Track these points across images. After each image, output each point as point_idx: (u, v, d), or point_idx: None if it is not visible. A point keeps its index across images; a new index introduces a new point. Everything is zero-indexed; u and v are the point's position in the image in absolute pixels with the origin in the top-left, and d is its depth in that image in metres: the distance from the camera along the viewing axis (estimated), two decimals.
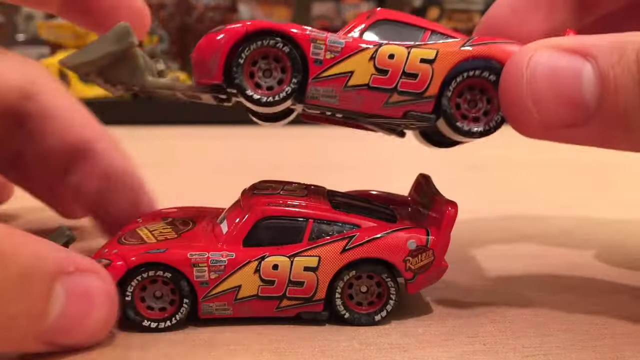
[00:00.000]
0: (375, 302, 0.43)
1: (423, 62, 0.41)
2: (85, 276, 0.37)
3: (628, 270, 0.53)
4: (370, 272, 0.42)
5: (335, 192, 0.48)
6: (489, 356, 0.38)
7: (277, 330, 0.41)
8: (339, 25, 3.73)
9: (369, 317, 0.42)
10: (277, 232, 0.42)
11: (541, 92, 0.38)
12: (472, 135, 0.42)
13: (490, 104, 0.42)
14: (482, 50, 0.41)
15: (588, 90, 0.37)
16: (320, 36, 0.41)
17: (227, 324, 0.42)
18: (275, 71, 0.41)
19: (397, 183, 0.53)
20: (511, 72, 0.39)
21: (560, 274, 0.52)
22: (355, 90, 0.41)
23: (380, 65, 0.41)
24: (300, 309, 0.42)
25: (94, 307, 0.37)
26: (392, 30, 0.43)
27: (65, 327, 0.36)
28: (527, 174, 0.90)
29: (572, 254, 0.58)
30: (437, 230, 0.42)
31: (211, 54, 0.41)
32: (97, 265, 0.38)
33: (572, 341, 0.40)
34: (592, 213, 0.72)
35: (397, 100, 0.41)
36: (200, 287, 0.41)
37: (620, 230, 0.65)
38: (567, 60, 0.37)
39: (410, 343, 0.40)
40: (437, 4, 3.79)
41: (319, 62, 0.41)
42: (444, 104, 0.41)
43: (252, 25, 0.41)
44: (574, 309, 0.45)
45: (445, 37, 0.43)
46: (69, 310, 0.36)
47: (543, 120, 0.38)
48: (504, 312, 0.44)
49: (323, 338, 0.40)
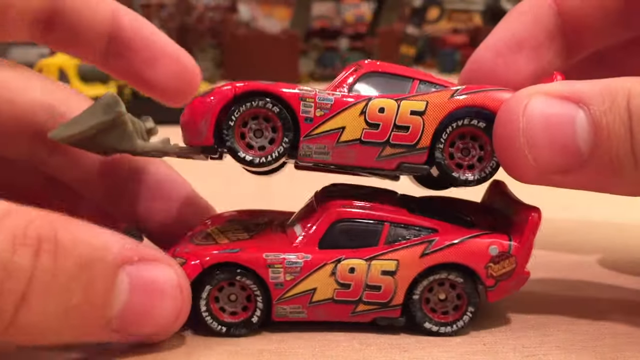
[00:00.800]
0: (454, 310, 0.41)
1: (413, 114, 0.41)
2: (152, 266, 0.36)
3: (628, 270, 0.53)
4: (450, 278, 0.41)
5: (407, 195, 0.47)
6: (489, 356, 0.38)
7: (277, 330, 0.41)
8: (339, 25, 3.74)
9: (447, 326, 0.41)
10: (352, 234, 0.41)
11: (537, 138, 0.38)
12: (469, 184, 0.42)
13: (483, 150, 0.42)
14: (472, 99, 0.41)
15: (582, 137, 0.37)
16: (309, 94, 0.41)
17: None
18: (266, 131, 0.41)
19: (396, 183, 0.53)
20: (506, 119, 0.39)
21: (561, 274, 0.52)
22: (347, 145, 0.41)
23: (371, 120, 0.41)
24: (377, 314, 0.41)
25: (163, 298, 0.36)
26: (381, 82, 0.43)
27: (132, 318, 0.36)
28: None
29: (572, 254, 0.58)
30: (520, 237, 0.41)
31: (201, 117, 0.41)
32: (165, 256, 0.38)
33: (572, 341, 0.40)
34: (592, 213, 0.72)
35: (390, 153, 0.41)
36: (275, 289, 0.40)
37: (620, 230, 0.65)
38: (561, 107, 0.38)
39: (410, 343, 0.40)
40: (437, 4, 3.79)
41: (310, 120, 0.41)
42: (438, 156, 0.42)
43: (241, 87, 0.41)
44: (574, 309, 0.45)
45: (434, 86, 0.43)
46: (135, 301, 0.35)
47: (538, 167, 0.38)
48: (504, 312, 0.44)
49: (323, 338, 0.40)
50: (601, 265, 0.55)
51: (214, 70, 2.93)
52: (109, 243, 0.35)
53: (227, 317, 0.41)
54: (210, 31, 3.29)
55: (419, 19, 3.52)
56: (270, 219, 0.47)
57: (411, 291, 0.41)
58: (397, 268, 0.40)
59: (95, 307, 0.34)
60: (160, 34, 0.52)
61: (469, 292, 0.41)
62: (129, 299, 0.35)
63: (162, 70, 0.51)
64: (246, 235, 0.43)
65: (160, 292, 0.36)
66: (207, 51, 3.19)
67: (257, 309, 0.40)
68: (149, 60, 0.50)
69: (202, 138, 0.41)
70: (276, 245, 0.42)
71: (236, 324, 0.40)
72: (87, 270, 0.34)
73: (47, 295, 0.33)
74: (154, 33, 0.51)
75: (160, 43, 0.51)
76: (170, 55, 0.51)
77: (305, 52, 3.02)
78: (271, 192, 0.76)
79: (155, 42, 0.51)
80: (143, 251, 0.37)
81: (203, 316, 0.40)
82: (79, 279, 0.33)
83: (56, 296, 0.33)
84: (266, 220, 0.47)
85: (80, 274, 0.34)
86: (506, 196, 0.45)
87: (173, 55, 0.51)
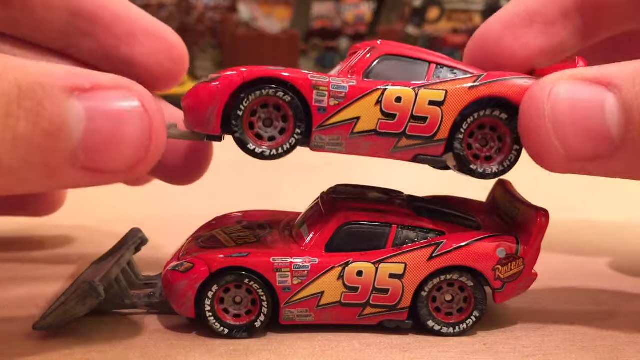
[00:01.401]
0: (461, 312, 0.41)
1: (432, 104, 0.39)
2: (110, 92, 0.34)
3: (628, 270, 0.53)
4: (457, 281, 0.41)
5: (414, 197, 0.47)
6: (489, 356, 0.38)
7: (277, 331, 0.41)
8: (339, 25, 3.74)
9: (455, 327, 0.41)
10: (360, 237, 0.41)
11: (564, 125, 0.36)
12: (487, 177, 0.41)
13: (502, 142, 0.40)
14: (492, 88, 0.39)
15: (612, 122, 0.36)
16: (323, 81, 0.38)
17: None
18: (276, 120, 0.39)
19: (397, 183, 0.53)
20: (531, 106, 0.38)
21: (561, 274, 0.52)
22: (362, 136, 0.39)
23: (388, 110, 0.39)
24: (384, 317, 0.41)
25: (123, 125, 0.34)
26: (396, 66, 0.41)
27: (96, 147, 0.33)
28: (527, 173, 0.90)
29: (572, 254, 0.58)
30: (527, 239, 0.41)
31: (207, 105, 0.38)
32: (125, 81, 0.35)
33: (572, 341, 0.40)
34: (592, 213, 0.72)
35: (407, 145, 0.40)
36: (283, 293, 0.40)
37: (620, 230, 0.65)
38: (589, 91, 0.36)
39: (410, 343, 0.40)
40: (437, 4, 3.79)
41: (323, 109, 0.39)
42: (457, 147, 0.40)
43: (250, 73, 0.38)
44: (574, 309, 0.45)
45: (451, 70, 0.41)
46: (93, 127, 0.33)
47: (567, 154, 0.37)
48: (504, 312, 0.44)
49: (323, 338, 0.40)
50: (601, 265, 0.55)
51: (214, 70, 2.93)
52: (52, 70, 0.33)
53: (230, 319, 0.41)
54: (210, 31, 3.29)
55: (419, 19, 3.53)
56: (276, 221, 0.47)
57: (418, 294, 0.41)
58: (404, 271, 0.40)
59: (51, 137, 0.32)
60: (136, 8, 0.47)
61: (479, 298, 0.41)
62: (88, 126, 0.33)
63: (142, 48, 0.46)
64: (253, 238, 0.43)
65: (123, 115, 0.34)
66: (207, 51, 3.19)
67: (262, 314, 0.40)
68: (124, 36, 0.46)
69: (209, 127, 0.39)
70: (283, 248, 0.41)
71: (238, 327, 0.40)
72: (28, 95, 0.31)
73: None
74: (129, 7, 0.46)
75: (135, 17, 0.46)
76: (151, 31, 0.46)
77: (305, 52, 3.03)
78: (276, 191, 0.76)
79: (129, 16, 0.46)
80: (97, 77, 0.34)
81: (207, 316, 0.40)
82: (20, 104, 0.31)
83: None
84: (272, 221, 0.47)
85: (19, 99, 0.31)
86: (512, 196, 0.45)
87: (154, 31, 0.46)
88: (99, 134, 0.33)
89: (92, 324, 0.42)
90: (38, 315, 0.40)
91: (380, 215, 0.42)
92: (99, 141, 0.33)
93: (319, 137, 0.39)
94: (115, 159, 0.34)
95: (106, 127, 0.33)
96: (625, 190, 0.85)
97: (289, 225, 0.45)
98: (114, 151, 0.34)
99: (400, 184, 0.52)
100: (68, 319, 0.39)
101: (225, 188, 0.58)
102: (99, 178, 0.34)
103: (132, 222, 0.57)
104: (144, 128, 0.34)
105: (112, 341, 0.40)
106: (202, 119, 0.39)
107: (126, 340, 0.40)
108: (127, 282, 0.43)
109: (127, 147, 0.34)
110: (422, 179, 0.52)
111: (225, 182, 0.76)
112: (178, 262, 0.41)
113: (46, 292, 0.47)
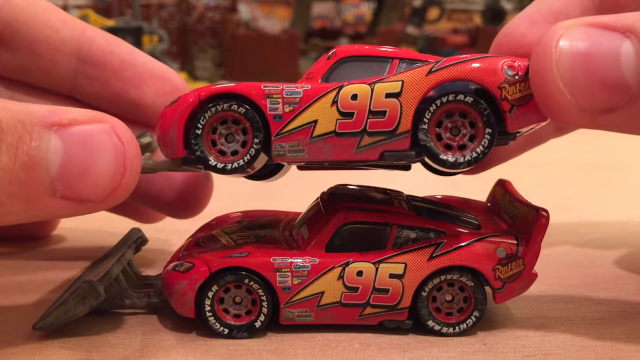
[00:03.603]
0: (461, 312, 0.41)
1: (389, 96, 0.38)
2: (86, 126, 0.36)
3: (628, 270, 0.53)
4: (457, 281, 0.41)
5: (414, 197, 0.46)
6: (489, 356, 0.38)
7: (277, 331, 0.41)
8: (339, 25, 3.74)
9: (455, 327, 0.41)
10: (360, 237, 0.41)
11: (572, 72, 0.35)
12: (459, 166, 0.39)
13: (474, 128, 0.39)
14: (453, 71, 0.38)
15: (628, 69, 0.34)
16: (276, 89, 0.38)
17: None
18: (236, 134, 0.39)
19: (397, 183, 0.53)
20: (539, 52, 0.36)
21: (561, 274, 0.52)
22: (322, 139, 0.38)
23: (344, 109, 0.38)
24: (384, 317, 0.41)
25: (98, 154, 0.36)
26: (358, 67, 0.41)
27: (73, 176, 0.35)
28: (527, 174, 0.90)
29: (572, 254, 0.58)
30: (528, 238, 0.41)
31: (169, 128, 0.39)
32: (102, 115, 0.37)
33: (572, 341, 0.40)
34: (592, 213, 0.72)
35: (370, 143, 0.38)
36: (283, 293, 0.40)
37: (620, 230, 0.65)
38: (604, 37, 0.34)
39: (410, 343, 0.40)
40: (437, 4, 3.79)
41: (279, 117, 0.38)
42: (422, 138, 0.38)
43: (205, 92, 0.39)
44: (574, 309, 0.45)
45: (416, 62, 0.40)
46: (69, 159, 0.35)
47: (579, 104, 0.35)
48: (504, 312, 0.44)
49: (323, 338, 0.40)
50: (601, 265, 0.55)
51: (214, 70, 2.94)
52: (32, 108, 0.35)
53: (230, 319, 0.41)
54: (210, 31, 3.30)
55: (419, 19, 3.53)
56: (276, 221, 0.47)
57: (418, 294, 0.41)
58: (404, 271, 0.40)
59: (30, 169, 0.34)
60: (140, 53, 0.49)
61: (479, 298, 0.41)
62: (64, 158, 0.35)
63: (149, 90, 0.48)
64: (253, 238, 0.43)
65: (97, 144, 0.36)
66: (207, 51, 3.19)
67: (262, 314, 0.40)
68: (133, 79, 0.48)
69: (174, 150, 0.39)
70: (283, 248, 0.41)
71: (238, 327, 0.40)
72: (10, 131, 0.33)
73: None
74: (134, 52, 0.49)
75: (142, 61, 0.49)
76: (157, 74, 0.49)
77: (305, 52, 3.03)
78: (276, 191, 0.76)
79: (136, 61, 0.48)
80: (74, 113, 0.36)
81: (207, 316, 0.40)
82: (2, 139, 0.33)
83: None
84: (272, 221, 0.47)
85: (1, 134, 0.33)
86: (512, 196, 0.45)
87: (160, 74, 0.49)
88: (75, 165, 0.35)
89: (92, 324, 0.42)
90: (38, 315, 0.40)
91: (380, 215, 0.42)
92: (75, 171, 0.35)
93: (279, 145, 0.39)
94: (91, 186, 0.36)
95: (81, 158, 0.35)
96: (625, 190, 0.85)
97: (289, 225, 0.45)
98: (90, 179, 0.36)
99: (400, 184, 0.52)
100: (68, 318, 0.39)
101: (225, 188, 0.58)
102: (79, 207, 0.36)
103: (132, 222, 0.57)
104: (118, 157, 0.36)
105: (112, 341, 0.40)
106: (167, 142, 0.39)
107: (126, 340, 0.40)
108: (127, 282, 0.43)
109: (101, 175, 0.36)
110: (422, 179, 0.52)
111: (225, 182, 0.76)
112: (178, 262, 0.41)
113: (46, 292, 0.47)
